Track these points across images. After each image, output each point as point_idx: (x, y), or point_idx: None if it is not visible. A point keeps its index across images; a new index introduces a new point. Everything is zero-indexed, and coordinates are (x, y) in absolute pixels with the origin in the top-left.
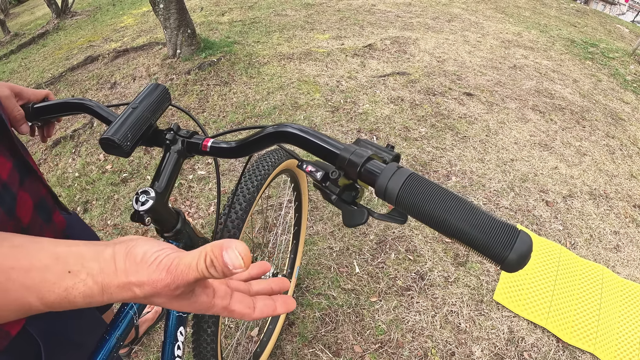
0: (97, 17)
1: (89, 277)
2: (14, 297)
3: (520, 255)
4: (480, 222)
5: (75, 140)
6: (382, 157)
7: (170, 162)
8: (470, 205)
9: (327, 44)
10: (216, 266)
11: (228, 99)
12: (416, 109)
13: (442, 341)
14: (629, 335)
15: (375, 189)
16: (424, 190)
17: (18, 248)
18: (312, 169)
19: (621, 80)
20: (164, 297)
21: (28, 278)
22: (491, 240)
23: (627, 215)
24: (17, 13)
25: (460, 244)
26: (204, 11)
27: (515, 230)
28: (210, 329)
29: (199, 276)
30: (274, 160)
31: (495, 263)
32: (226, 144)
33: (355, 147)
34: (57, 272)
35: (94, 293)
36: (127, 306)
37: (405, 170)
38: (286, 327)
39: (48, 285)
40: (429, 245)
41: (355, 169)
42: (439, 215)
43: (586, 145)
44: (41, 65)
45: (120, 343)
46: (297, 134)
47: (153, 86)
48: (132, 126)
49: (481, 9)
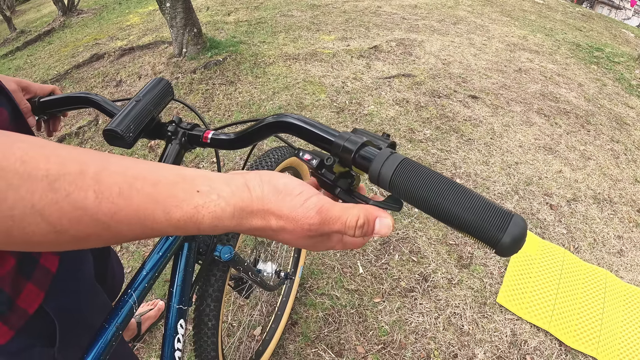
0: (103, 15)
1: (221, 199)
2: (138, 207)
3: (513, 238)
4: (473, 205)
5: (80, 137)
6: (377, 144)
7: (172, 153)
8: (464, 189)
9: (333, 45)
10: (365, 230)
11: (233, 98)
12: (421, 111)
13: (444, 343)
14: (631, 339)
15: (368, 174)
16: (417, 175)
17: (142, 163)
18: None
19: (626, 84)
20: (298, 235)
21: (155, 190)
22: (484, 223)
23: (631, 220)
24: (23, 10)
25: (454, 228)
26: (210, 11)
27: (509, 213)
28: (210, 322)
29: (343, 230)
30: (277, 157)
31: (489, 246)
32: (226, 135)
33: (350, 135)
34: (186, 189)
35: (225, 215)
36: (126, 295)
37: (398, 155)
38: (289, 327)
39: (176, 201)
40: (432, 246)
41: (349, 154)
42: (432, 200)
43: (591, 149)
44: (47, 62)
45: (120, 332)
46: (294, 123)
47: (156, 80)
48: (135, 118)
49: (487, 12)
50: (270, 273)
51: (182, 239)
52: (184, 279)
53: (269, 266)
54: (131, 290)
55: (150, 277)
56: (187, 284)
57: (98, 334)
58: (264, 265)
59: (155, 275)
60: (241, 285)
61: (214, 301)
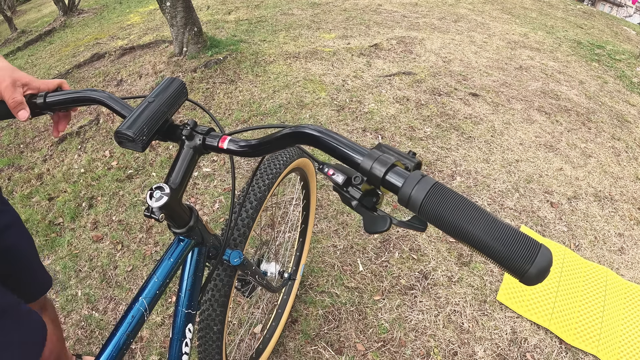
0: (103, 14)
1: None
2: None
3: (540, 269)
4: (503, 235)
5: (82, 136)
6: (405, 164)
7: (186, 158)
8: (494, 217)
9: (333, 43)
10: None
11: (234, 97)
12: (422, 108)
13: (444, 341)
14: (632, 337)
15: (398, 196)
16: (448, 201)
17: None
18: (333, 172)
19: (627, 82)
20: None
21: None
22: (513, 253)
23: (632, 218)
24: (24, 10)
25: (481, 255)
26: (211, 10)
27: (537, 244)
28: (216, 327)
29: None
30: (286, 159)
31: (515, 276)
32: (245, 142)
33: (378, 153)
34: None
35: None
36: (137, 302)
37: (429, 179)
38: (289, 325)
39: None
40: (432, 244)
41: (379, 175)
42: (461, 226)
43: (591, 147)
44: (48, 62)
45: (131, 340)
46: (316, 135)
47: (169, 80)
48: (147, 120)
49: (487, 9)
50: (274, 274)
51: (193, 244)
52: (193, 283)
53: (273, 266)
54: (141, 297)
55: (160, 284)
56: (196, 289)
57: (108, 342)
58: (268, 266)
59: (167, 282)
60: (245, 286)
61: (221, 306)
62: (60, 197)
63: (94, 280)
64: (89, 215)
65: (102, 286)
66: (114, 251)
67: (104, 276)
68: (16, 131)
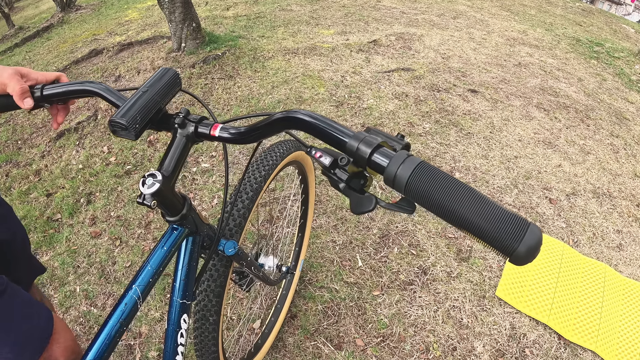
0: (101, 10)
1: None
2: None
3: (529, 248)
4: (490, 213)
5: (79, 132)
6: (392, 145)
7: (179, 146)
8: (481, 196)
9: (332, 39)
10: None
11: (232, 92)
12: (420, 104)
13: (444, 336)
14: (630, 333)
15: (384, 176)
16: (434, 179)
17: None
18: (321, 155)
19: (626, 80)
20: None
21: None
22: (500, 231)
23: (630, 214)
24: (22, 7)
25: (469, 234)
26: (209, 5)
27: (526, 222)
28: (212, 317)
29: None
30: (283, 151)
31: (503, 255)
32: (235, 129)
33: (365, 135)
34: None
35: None
36: (130, 290)
37: (415, 158)
38: (288, 320)
39: None
40: (432, 240)
41: (364, 156)
42: (448, 205)
43: (590, 143)
44: (46, 58)
45: (124, 328)
46: (305, 120)
47: (163, 70)
48: (141, 109)
49: (486, 6)
50: (272, 267)
51: (187, 232)
52: (187, 273)
53: (271, 260)
54: (135, 285)
55: (154, 272)
56: (190, 279)
57: (101, 330)
58: (266, 259)
59: (160, 270)
60: (243, 279)
61: (216, 296)
62: (59, 193)
63: (92, 276)
64: (87, 211)
65: (100, 282)
66: (112, 247)
67: (102, 272)
68: (14, 127)
